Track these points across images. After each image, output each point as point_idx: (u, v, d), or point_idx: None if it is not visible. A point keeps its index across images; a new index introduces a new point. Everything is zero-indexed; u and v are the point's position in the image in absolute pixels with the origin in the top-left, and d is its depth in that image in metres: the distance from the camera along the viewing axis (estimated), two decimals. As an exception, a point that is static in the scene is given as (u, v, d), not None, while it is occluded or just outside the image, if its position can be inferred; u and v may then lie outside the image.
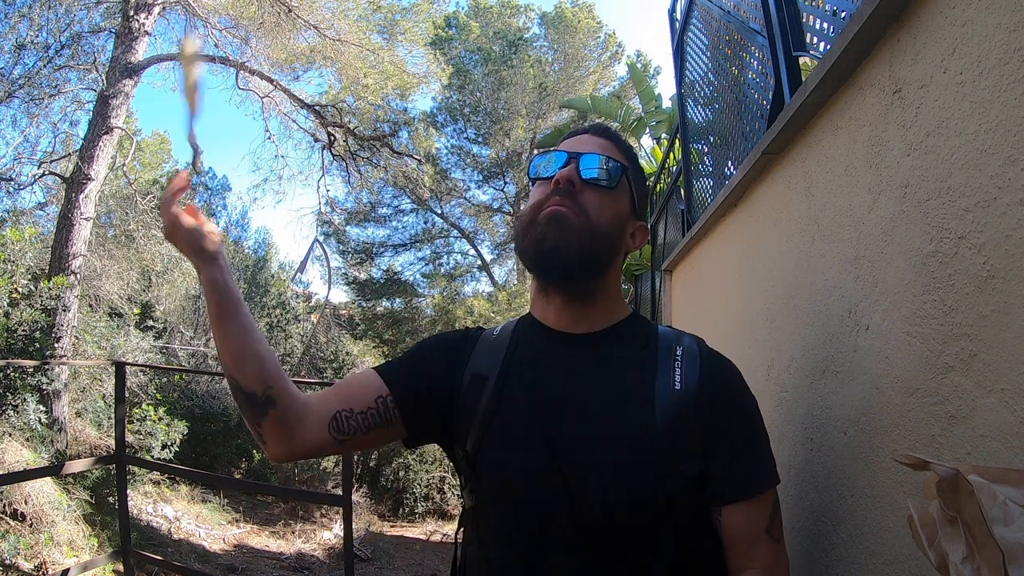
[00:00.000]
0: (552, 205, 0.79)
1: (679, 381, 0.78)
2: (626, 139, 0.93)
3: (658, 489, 0.73)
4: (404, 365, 0.88)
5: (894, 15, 0.77)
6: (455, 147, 13.69)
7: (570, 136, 0.90)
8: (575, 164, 0.82)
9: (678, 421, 0.75)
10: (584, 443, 0.76)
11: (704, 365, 0.80)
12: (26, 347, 5.25)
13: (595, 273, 0.82)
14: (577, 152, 0.83)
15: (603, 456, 0.75)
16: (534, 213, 0.81)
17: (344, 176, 10.76)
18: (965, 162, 0.64)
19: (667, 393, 0.77)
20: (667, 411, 0.75)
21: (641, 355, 0.81)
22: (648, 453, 0.74)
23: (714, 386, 0.78)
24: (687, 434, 0.75)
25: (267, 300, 11.36)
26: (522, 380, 0.82)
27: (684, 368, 0.79)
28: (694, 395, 0.77)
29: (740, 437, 0.78)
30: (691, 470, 0.74)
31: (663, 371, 0.79)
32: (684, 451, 0.75)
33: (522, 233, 0.82)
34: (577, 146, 0.85)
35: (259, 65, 8.26)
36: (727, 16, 1.79)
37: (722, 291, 1.90)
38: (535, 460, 0.76)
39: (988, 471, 0.41)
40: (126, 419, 3.95)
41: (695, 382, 0.78)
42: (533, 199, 0.84)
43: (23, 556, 4.13)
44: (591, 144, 0.85)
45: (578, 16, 13.77)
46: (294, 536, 6.98)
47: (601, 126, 0.90)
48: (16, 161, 7.41)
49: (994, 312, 0.59)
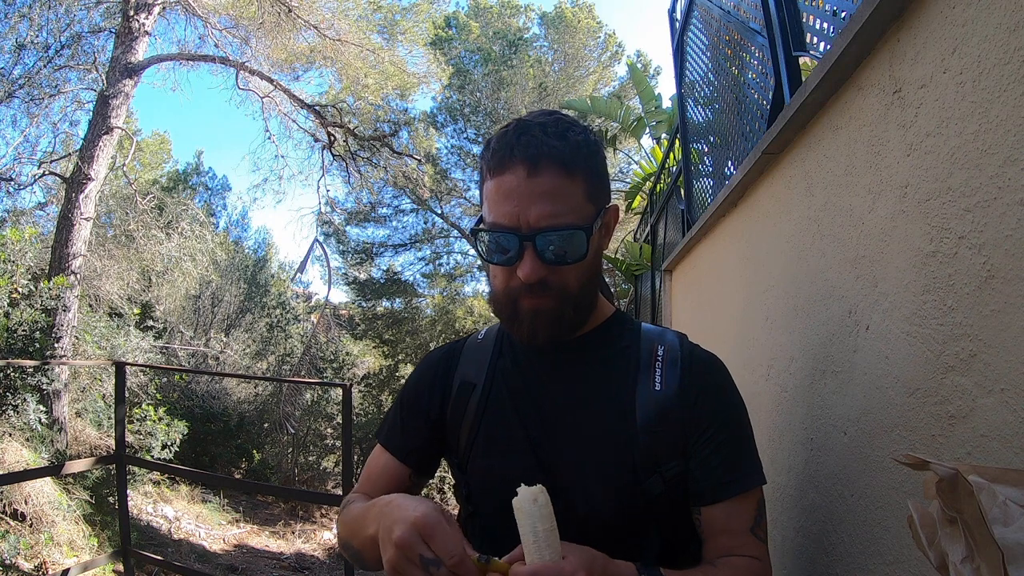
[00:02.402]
0: (528, 299, 0.74)
1: (659, 382, 0.78)
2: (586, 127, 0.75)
3: (638, 490, 0.73)
4: (402, 427, 0.89)
5: (894, 15, 0.77)
6: (455, 147, 13.67)
7: (499, 170, 0.73)
8: (532, 250, 0.71)
9: (659, 422, 0.75)
10: (567, 446, 0.77)
11: (685, 364, 0.79)
12: (26, 347, 5.25)
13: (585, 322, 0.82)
14: (529, 230, 0.71)
15: (585, 458, 0.76)
16: (511, 304, 0.76)
17: (344, 176, 10.77)
18: (965, 162, 0.64)
19: (647, 394, 0.77)
20: (648, 412, 0.76)
21: (623, 356, 0.81)
22: (629, 454, 0.74)
23: (695, 386, 0.78)
24: (668, 434, 0.75)
25: (267, 300, 11.36)
26: (507, 387, 0.83)
27: (665, 368, 0.79)
28: (675, 396, 0.77)
29: (722, 436, 0.77)
30: (673, 470, 0.75)
31: (644, 372, 0.79)
32: (665, 451, 0.75)
33: (507, 322, 0.79)
34: (522, 210, 0.71)
35: (259, 65, 8.26)
36: (727, 16, 1.79)
37: (722, 291, 1.90)
38: (520, 464, 0.77)
39: (988, 471, 0.41)
40: (126, 419, 3.94)
41: (676, 382, 0.77)
42: (501, 282, 0.77)
43: (23, 556, 4.13)
44: (536, 200, 0.71)
45: (578, 16, 13.77)
46: (294, 536, 6.98)
47: (530, 144, 0.72)
48: (16, 161, 7.42)
49: (994, 312, 0.59)
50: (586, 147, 0.75)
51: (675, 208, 3.37)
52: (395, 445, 0.88)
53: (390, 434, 0.89)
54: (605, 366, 0.81)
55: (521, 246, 0.72)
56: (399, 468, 0.87)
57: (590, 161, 0.75)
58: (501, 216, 0.72)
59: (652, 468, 0.74)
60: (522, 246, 0.72)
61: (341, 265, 13.96)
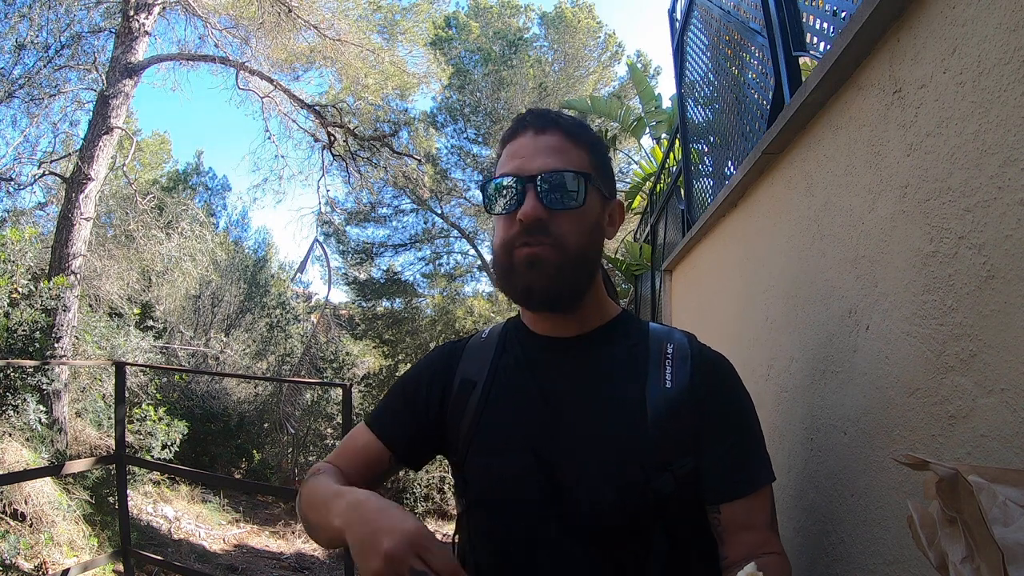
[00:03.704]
0: (525, 247, 0.75)
1: (670, 379, 0.77)
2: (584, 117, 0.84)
3: (648, 488, 0.73)
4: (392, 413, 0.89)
5: (894, 15, 0.77)
6: (455, 147, 13.67)
7: (511, 137, 0.81)
8: (533, 191, 0.75)
9: (670, 419, 0.75)
10: (572, 444, 0.76)
11: (695, 362, 0.79)
12: (26, 347, 5.25)
13: (582, 295, 0.81)
14: (531, 174, 0.75)
15: (590, 457, 0.75)
16: (507, 255, 0.77)
17: (344, 176, 10.77)
18: (965, 162, 0.64)
19: (658, 392, 0.76)
20: (659, 410, 0.75)
21: (631, 354, 0.81)
22: (638, 453, 0.74)
23: (706, 383, 0.78)
24: (679, 432, 0.75)
25: (267, 300, 11.37)
26: (507, 385, 0.83)
27: (675, 366, 0.78)
28: (686, 393, 0.76)
29: (733, 434, 0.77)
30: (683, 468, 0.74)
31: (654, 370, 0.78)
32: (676, 449, 0.74)
33: (503, 277, 0.79)
34: (527, 161, 0.76)
35: (259, 65, 8.26)
36: (727, 16, 1.79)
37: (722, 291, 1.90)
38: (517, 464, 0.77)
39: (988, 471, 0.41)
40: (126, 419, 3.95)
41: (686, 380, 0.77)
42: (500, 235, 0.78)
43: (23, 556, 4.13)
44: (540, 152, 0.76)
45: (578, 16, 13.76)
46: (294, 536, 6.98)
47: (540, 114, 0.80)
48: (16, 161, 7.42)
49: (994, 312, 0.59)
50: (593, 134, 0.82)
51: (675, 208, 3.37)
52: (381, 426, 0.88)
53: (379, 416, 0.90)
54: (612, 363, 0.80)
55: (523, 188, 0.75)
56: (380, 450, 0.87)
57: (597, 145, 0.82)
58: (508, 169, 0.78)
59: (663, 466, 0.73)
60: (524, 188, 0.75)
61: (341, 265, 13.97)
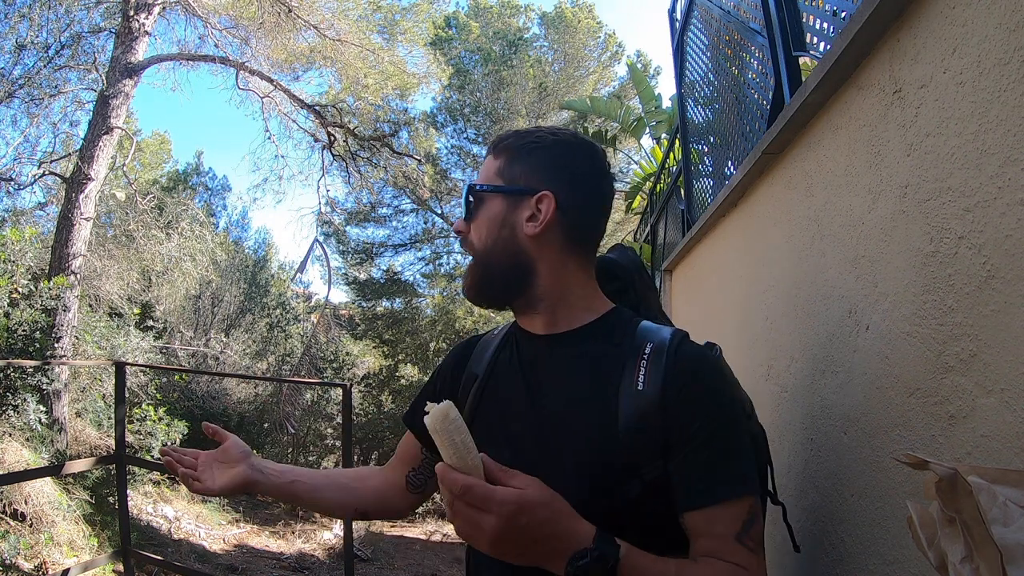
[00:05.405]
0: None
1: (642, 381, 0.74)
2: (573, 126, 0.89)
3: (616, 492, 0.71)
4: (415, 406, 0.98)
5: (894, 15, 0.77)
6: (455, 147, 13.66)
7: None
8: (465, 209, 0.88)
9: (639, 423, 0.72)
10: (550, 442, 0.76)
11: (668, 363, 0.75)
12: (26, 347, 5.25)
13: (513, 284, 0.83)
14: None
15: (562, 456, 0.75)
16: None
17: (344, 176, 10.75)
18: (965, 162, 0.64)
19: (630, 394, 0.74)
20: (628, 412, 0.73)
21: (611, 353, 0.79)
22: (607, 454, 0.72)
23: (675, 387, 0.73)
24: (648, 436, 0.72)
25: (267, 300, 11.36)
26: (501, 380, 0.86)
27: (649, 367, 0.75)
28: (657, 396, 0.73)
29: (702, 440, 0.72)
30: (651, 473, 0.72)
31: (629, 370, 0.76)
32: (644, 454, 0.72)
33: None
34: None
35: (259, 65, 8.26)
36: (727, 16, 1.79)
37: (722, 291, 1.90)
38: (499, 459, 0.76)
39: (987, 471, 0.41)
40: (126, 419, 3.95)
41: (658, 382, 0.74)
42: None
43: (23, 556, 4.13)
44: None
45: (578, 16, 13.76)
46: (294, 536, 6.98)
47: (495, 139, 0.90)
48: (16, 161, 7.41)
49: (994, 312, 0.59)
50: (535, 141, 0.84)
51: (675, 208, 3.37)
52: (411, 421, 0.98)
53: (410, 411, 0.99)
54: (595, 362, 0.79)
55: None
56: (412, 442, 0.99)
57: (527, 149, 0.84)
58: None
59: (632, 469, 0.72)
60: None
61: (341, 265, 13.96)
